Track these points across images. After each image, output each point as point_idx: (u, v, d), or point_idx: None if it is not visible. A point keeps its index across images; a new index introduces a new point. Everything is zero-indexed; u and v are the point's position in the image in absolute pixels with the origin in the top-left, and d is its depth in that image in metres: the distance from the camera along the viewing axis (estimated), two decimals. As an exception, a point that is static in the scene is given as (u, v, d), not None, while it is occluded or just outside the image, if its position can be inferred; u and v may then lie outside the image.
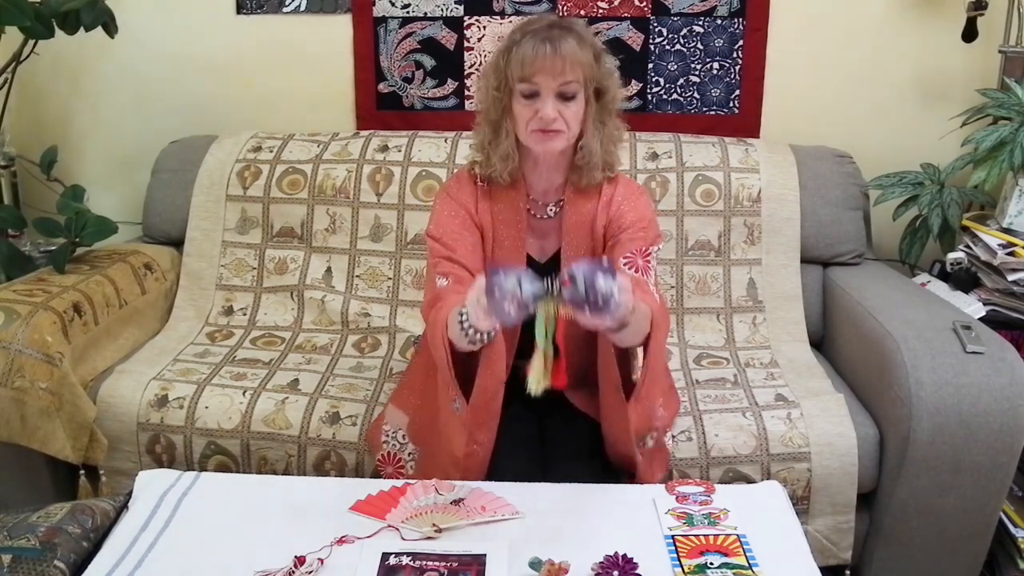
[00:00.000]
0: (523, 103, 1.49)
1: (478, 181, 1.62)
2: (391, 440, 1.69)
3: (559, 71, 1.45)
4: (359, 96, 2.54)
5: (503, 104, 1.52)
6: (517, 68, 1.46)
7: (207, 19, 2.52)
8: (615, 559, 1.23)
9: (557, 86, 1.46)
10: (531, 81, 1.46)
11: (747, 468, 1.71)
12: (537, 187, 1.61)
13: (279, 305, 2.27)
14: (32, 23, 2.08)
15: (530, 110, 1.48)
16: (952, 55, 2.35)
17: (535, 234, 1.62)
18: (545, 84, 1.46)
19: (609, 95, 1.54)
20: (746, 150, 2.27)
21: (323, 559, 1.26)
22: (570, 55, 1.45)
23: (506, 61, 1.49)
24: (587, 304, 1.23)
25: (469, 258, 1.56)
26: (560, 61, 1.44)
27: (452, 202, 1.62)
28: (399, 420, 1.69)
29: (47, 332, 1.81)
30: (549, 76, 1.45)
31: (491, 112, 1.55)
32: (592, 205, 1.60)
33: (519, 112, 1.50)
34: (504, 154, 1.55)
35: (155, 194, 2.41)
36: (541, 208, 1.62)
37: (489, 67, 1.55)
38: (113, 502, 1.42)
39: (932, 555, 1.74)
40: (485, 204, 1.61)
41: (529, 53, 1.45)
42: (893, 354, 1.71)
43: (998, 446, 1.63)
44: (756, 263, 2.18)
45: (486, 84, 1.55)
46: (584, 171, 1.57)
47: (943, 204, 2.17)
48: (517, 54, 1.47)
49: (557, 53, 1.44)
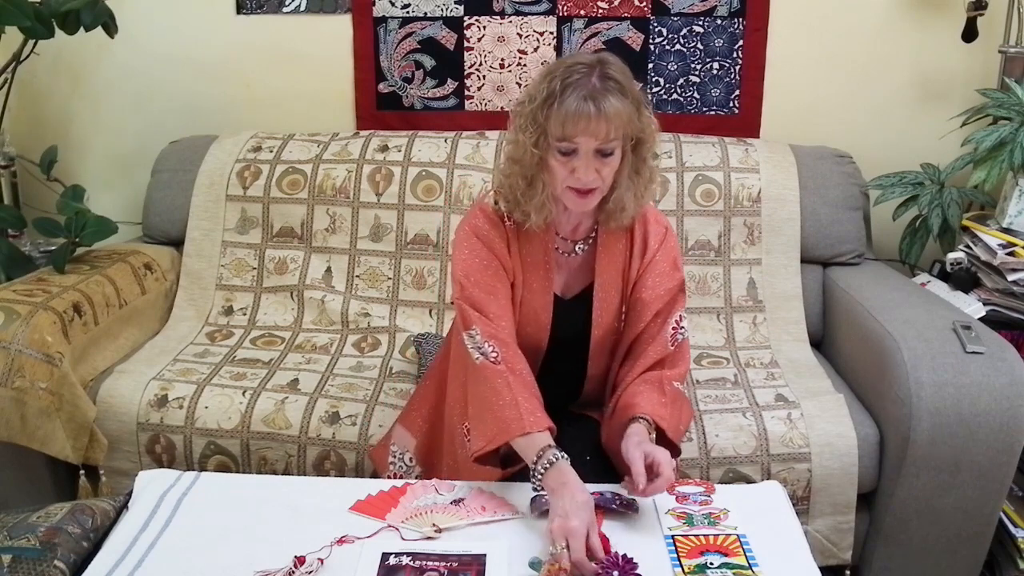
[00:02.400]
0: (560, 160, 1.41)
1: (505, 220, 1.54)
2: (398, 462, 1.67)
3: (602, 133, 1.38)
4: (359, 96, 2.54)
5: (539, 154, 1.44)
6: (558, 127, 1.38)
7: (207, 19, 2.52)
8: (615, 559, 1.23)
9: (597, 144, 1.39)
10: (572, 140, 1.39)
11: (747, 468, 1.71)
12: (565, 227, 1.56)
13: (279, 305, 2.27)
14: (32, 23, 2.08)
15: (567, 168, 1.41)
16: (952, 55, 2.35)
17: (561, 271, 1.58)
18: (585, 144, 1.39)
19: (647, 144, 1.47)
20: (746, 150, 2.27)
21: (323, 559, 1.25)
22: (614, 116, 1.37)
23: (546, 116, 1.40)
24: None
25: (504, 316, 1.50)
26: (604, 123, 1.37)
27: (483, 248, 1.52)
28: (407, 442, 1.67)
29: (47, 332, 1.81)
30: (591, 137, 1.38)
31: (527, 166, 1.46)
32: (624, 244, 1.55)
33: (555, 168, 1.42)
34: (539, 206, 1.48)
35: (155, 194, 2.41)
36: (569, 247, 1.57)
37: (526, 117, 1.44)
38: (113, 502, 1.42)
39: (932, 555, 1.74)
40: (515, 247, 1.54)
41: (572, 112, 1.37)
42: (893, 354, 1.71)
43: (998, 446, 1.63)
44: (756, 263, 2.18)
45: (522, 135, 1.45)
46: (614, 216, 1.51)
47: (943, 204, 2.17)
48: (559, 112, 1.38)
49: (601, 113, 1.36)
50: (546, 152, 1.42)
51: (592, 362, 1.60)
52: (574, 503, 1.27)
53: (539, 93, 1.42)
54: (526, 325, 1.55)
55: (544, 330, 1.56)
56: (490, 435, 1.41)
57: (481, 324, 1.47)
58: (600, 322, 1.56)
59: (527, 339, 1.55)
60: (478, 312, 1.48)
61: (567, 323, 1.57)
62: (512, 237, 1.54)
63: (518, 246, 1.54)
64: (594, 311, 1.55)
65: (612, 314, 1.56)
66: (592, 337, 1.57)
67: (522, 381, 1.44)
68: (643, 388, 1.49)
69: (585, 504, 1.28)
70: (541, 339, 1.57)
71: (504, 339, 1.47)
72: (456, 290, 1.53)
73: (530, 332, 1.55)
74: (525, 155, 1.45)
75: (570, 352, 1.59)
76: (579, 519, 1.25)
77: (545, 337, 1.57)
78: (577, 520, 1.24)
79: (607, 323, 1.56)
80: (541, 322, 1.56)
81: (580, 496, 1.29)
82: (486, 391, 1.43)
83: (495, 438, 1.40)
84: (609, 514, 1.36)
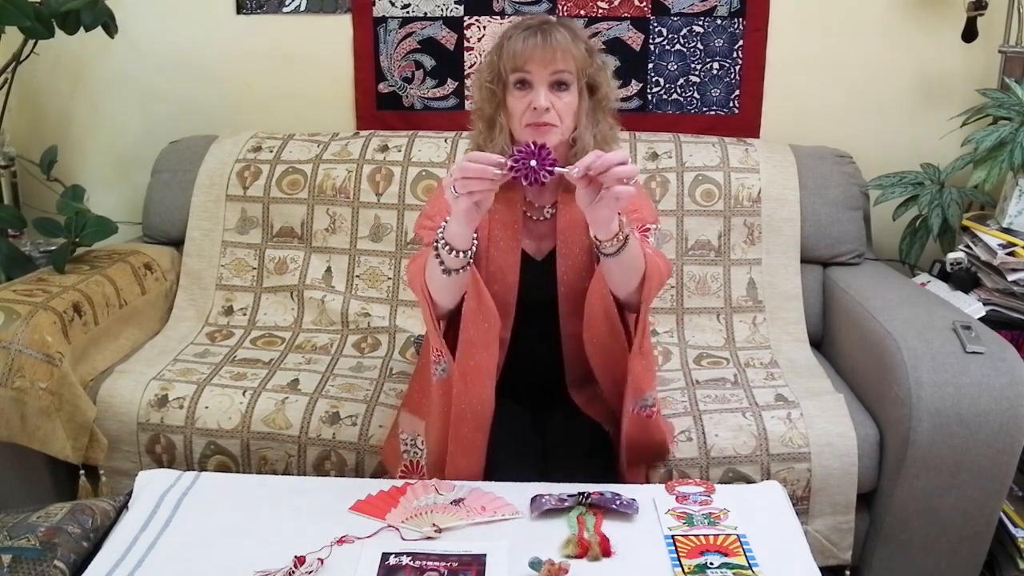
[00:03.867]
0: (516, 96, 1.50)
1: None
2: (411, 448, 1.66)
3: (550, 59, 1.47)
4: (359, 96, 2.54)
5: (497, 99, 1.53)
6: (509, 59, 1.49)
7: (207, 19, 2.52)
8: (530, 147, 1.31)
9: (549, 75, 1.47)
10: (523, 70, 1.48)
11: (747, 468, 1.71)
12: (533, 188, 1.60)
13: (279, 305, 2.27)
14: (32, 23, 2.08)
15: (523, 102, 1.49)
16: (952, 55, 2.35)
17: (531, 235, 1.61)
18: (537, 73, 1.47)
19: (602, 91, 1.55)
20: (746, 150, 2.27)
21: (323, 559, 1.26)
22: (561, 45, 1.47)
23: (499, 55, 1.51)
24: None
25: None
26: (551, 51, 1.47)
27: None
28: (415, 426, 1.66)
29: (47, 332, 1.81)
30: (541, 65, 1.47)
31: (485, 108, 1.55)
32: None
33: (513, 106, 1.51)
34: (499, 151, 1.53)
35: (155, 194, 2.41)
36: (537, 210, 1.61)
37: (483, 63, 1.57)
38: (113, 502, 1.42)
39: (932, 555, 1.74)
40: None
41: (521, 44, 1.48)
42: (893, 354, 1.71)
43: (998, 446, 1.63)
44: (756, 263, 2.18)
45: (480, 79, 1.56)
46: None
47: (943, 204, 2.17)
48: (509, 46, 1.49)
49: (548, 43, 1.47)
50: (504, 93, 1.52)
51: (564, 320, 1.60)
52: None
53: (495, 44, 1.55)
54: (493, 283, 1.56)
55: (511, 290, 1.58)
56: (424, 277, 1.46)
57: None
58: (565, 279, 1.58)
59: (496, 298, 1.55)
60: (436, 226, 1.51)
61: (538, 285, 1.59)
62: None
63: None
64: (558, 268, 1.58)
65: (579, 273, 1.57)
66: (560, 295, 1.59)
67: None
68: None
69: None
70: (509, 299, 1.58)
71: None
72: (419, 219, 1.60)
73: (498, 291, 1.56)
74: (483, 95, 1.55)
75: (544, 316, 1.60)
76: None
77: (513, 297, 1.59)
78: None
79: (573, 281, 1.58)
80: (508, 281, 1.58)
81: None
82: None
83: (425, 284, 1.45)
84: (609, 514, 1.36)
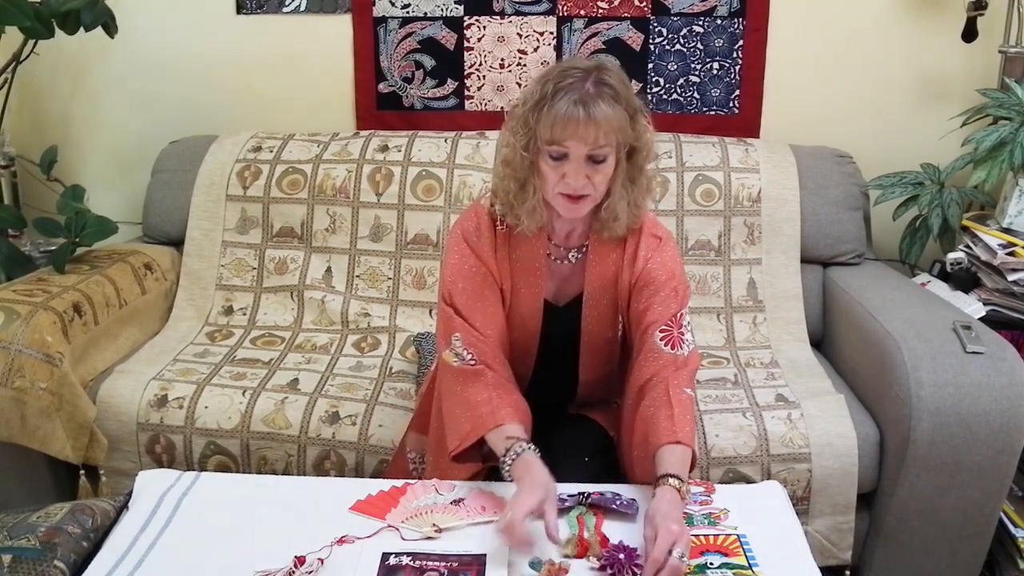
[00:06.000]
0: (551, 164, 1.39)
1: (497, 223, 1.53)
2: (419, 465, 1.66)
3: (592, 138, 1.35)
4: (359, 96, 2.54)
5: (530, 158, 1.42)
6: (547, 130, 1.36)
7: (207, 19, 2.52)
8: (619, 546, 1.25)
9: (588, 150, 1.37)
10: (561, 144, 1.36)
11: (747, 468, 1.71)
12: (559, 233, 1.54)
13: (279, 305, 2.27)
14: (32, 23, 2.08)
15: (557, 173, 1.39)
16: (952, 55, 2.35)
17: (554, 278, 1.56)
18: (575, 149, 1.36)
19: (642, 154, 1.45)
20: (746, 150, 2.27)
21: (323, 559, 1.26)
22: (604, 121, 1.35)
23: (536, 119, 1.38)
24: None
25: (490, 325, 1.49)
26: (593, 128, 1.34)
27: (471, 255, 1.51)
28: (423, 444, 1.65)
29: (47, 332, 1.81)
30: (580, 142, 1.35)
31: (518, 169, 1.44)
32: (616, 255, 1.52)
33: (546, 172, 1.40)
34: (531, 210, 1.46)
35: (155, 194, 2.41)
36: (563, 253, 1.55)
37: (518, 119, 1.43)
38: (113, 502, 1.42)
39: (932, 555, 1.74)
40: (504, 252, 1.52)
41: (561, 115, 1.35)
42: (893, 354, 1.71)
43: (998, 446, 1.63)
44: (756, 263, 2.18)
45: (513, 138, 1.43)
46: (607, 225, 1.48)
47: (943, 204, 2.17)
48: (548, 114, 1.36)
49: (591, 118, 1.34)
50: (537, 156, 1.41)
51: (583, 368, 1.59)
52: (532, 485, 1.29)
53: (532, 96, 1.40)
54: (514, 330, 1.54)
55: (533, 337, 1.56)
56: (464, 432, 1.42)
57: (464, 331, 1.47)
58: (589, 329, 1.56)
59: (516, 344, 1.55)
60: (462, 319, 1.48)
61: (559, 330, 1.56)
62: (502, 242, 1.52)
63: (508, 250, 1.52)
64: (583, 319, 1.55)
65: (603, 322, 1.55)
66: (581, 344, 1.57)
67: (499, 378, 1.45)
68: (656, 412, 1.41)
69: (542, 485, 1.29)
70: (531, 345, 1.57)
71: (482, 348, 1.46)
72: (444, 294, 1.52)
73: (518, 337, 1.55)
74: (516, 158, 1.43)
75: (562, 357, 1.58)
76: (522, 505, 1.25)
77: (535, 343, 1.57)
78: (517, 508, 1.25)
79: (597, 331, 1.56)
80: (529, 329, 1.55)
81: (540, 479, 1.31)
82: (461, 389, 1.44)
83: (469, 434, 1.41)
84: (609, 514, 1.36)
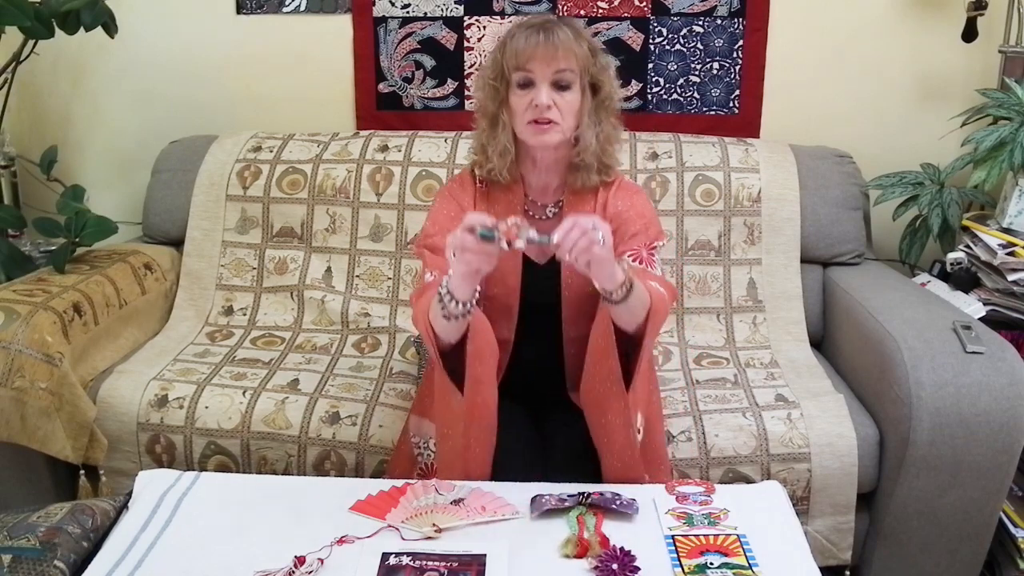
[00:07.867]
0: (519, 94, 1.51)
1: (478, 182, 1.63)
2: (424, 450, 1.65)
3: (552, 58, 1.47)
4: (359, 96, 2.54)
5: (500, 97, 1.54)
6: (512, 57, 1.50)
7: (207, 19, 2.52)
8: (614, 552, 1.24)
9: (551, 74, 1.48)
10: (526, 69, 1.49)
11: (747, 468, 1.71)
12: (535, 187, 1.62)
13: (279, 305, 2.27)
14: (32, 23, 2.08)
15: (525, 100, 1.50)
16: (952, 55, 2.35)
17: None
18: (540, 71, 1.48)
19: (605, 91, 1.55)
20: (746, 150, 2.27)
21: (323, 559, 1.26)
22: (564, 44, 1.48)
23: (502, 53, 1.52)
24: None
25: None
26: (554, 49, 1.47)
27: (452, 202, 1.62)
28: (427, 429, 1.65)
29: (47, 332, 1.81)
30: (543, 63, 1.48)
31: (488, 106, 1.56)
32: (590, 208, 1.59)
33: (515, 103, 1.52)
34: (501, 149, 1.56)
35: (155, 194, 2.41)
36: (540, 209, 1.62)
37: (486, 62, 1.58)
38: (113, 502, 1.42)
39: (932, 555, 1.74)
40: (483, 205, 1.61)
41: (523, 43, 1.49)
42: (893, 354, 1.71)
43: (998, 446, 1.63)
44: (756, 263, 2.18)
45: (483, 78, 1.57)
46: (581, 171, 1.57)
47: (943, 204, 2.17)
48: (512, 45, 1.50)
49: (551, 41, 1.48)
50: (506, 90, 1.53)
51: (567, 325, 1.60)
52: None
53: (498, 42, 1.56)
54: (494, 286, 1.56)
55: (513, 293, 1.58)
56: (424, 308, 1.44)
57: (439, 266, 1.51)
58: (569, 283, 1.58)
59: (498, 301, 1.57)
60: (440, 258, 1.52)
61: (541, 288, 1.59)
62: (480, 197, 1.61)
63: (487, 205, 1.60)
64: (562, 273, 1.58)
65: (583, 277, 1.53)
66: (563, 299, 1.59)
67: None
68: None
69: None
70: (511, 303, 1.59)
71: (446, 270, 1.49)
72: (420, 237, 1.61)
73: (499, 294, 1.57)
74: (486, 93, 1.55)
75: (547, 316, 1.60)
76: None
77: (515, 301, 1.59)
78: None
79: (577, 285, 1.57)
80: (509, 285, 1.58)
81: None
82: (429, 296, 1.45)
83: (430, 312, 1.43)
84: (609, 514, 1.36)
